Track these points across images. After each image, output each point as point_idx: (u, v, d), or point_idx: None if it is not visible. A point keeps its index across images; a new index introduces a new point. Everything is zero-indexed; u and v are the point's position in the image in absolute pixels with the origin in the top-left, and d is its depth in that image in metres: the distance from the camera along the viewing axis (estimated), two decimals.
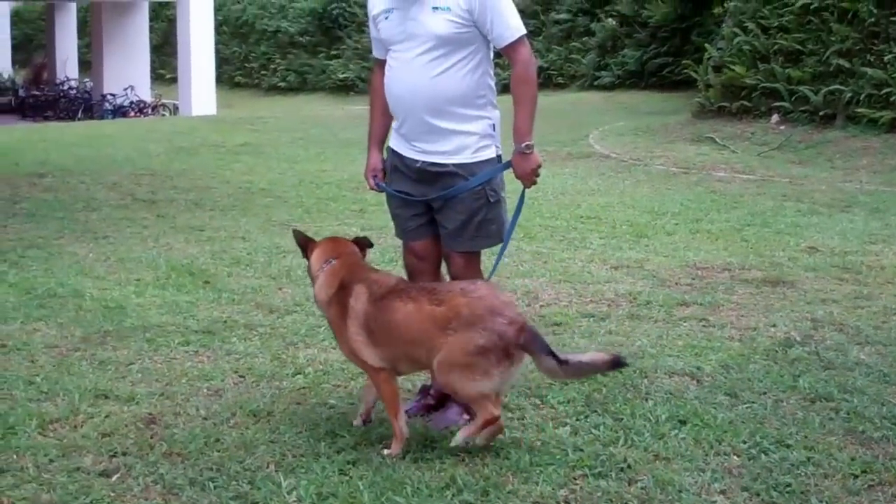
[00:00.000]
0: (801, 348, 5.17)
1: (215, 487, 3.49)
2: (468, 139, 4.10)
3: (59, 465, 3.67)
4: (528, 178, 4.13)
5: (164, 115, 25.55)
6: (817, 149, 13.30)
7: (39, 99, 27.61)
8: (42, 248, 7.44)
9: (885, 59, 13.55)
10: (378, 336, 3.80)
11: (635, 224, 8.70)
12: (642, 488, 3.56)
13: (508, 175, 4.22)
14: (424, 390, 4.34)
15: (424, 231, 4.27)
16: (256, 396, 4.40)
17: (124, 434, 3.95)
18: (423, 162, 4.14)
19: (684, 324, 5.65)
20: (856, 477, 3.69)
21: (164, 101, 26.67)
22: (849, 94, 13.83)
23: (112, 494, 3.44)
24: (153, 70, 28.27)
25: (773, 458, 3.82)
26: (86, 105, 26.36)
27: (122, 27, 26.61)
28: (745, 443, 3.95)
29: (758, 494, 3.54)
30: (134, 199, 9.93)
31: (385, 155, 4.36)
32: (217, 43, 26.32)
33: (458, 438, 3.75)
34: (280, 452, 3.77)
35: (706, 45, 16.96)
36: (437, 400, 4.25)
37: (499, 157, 4.18)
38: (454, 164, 4.10)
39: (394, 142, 4.26)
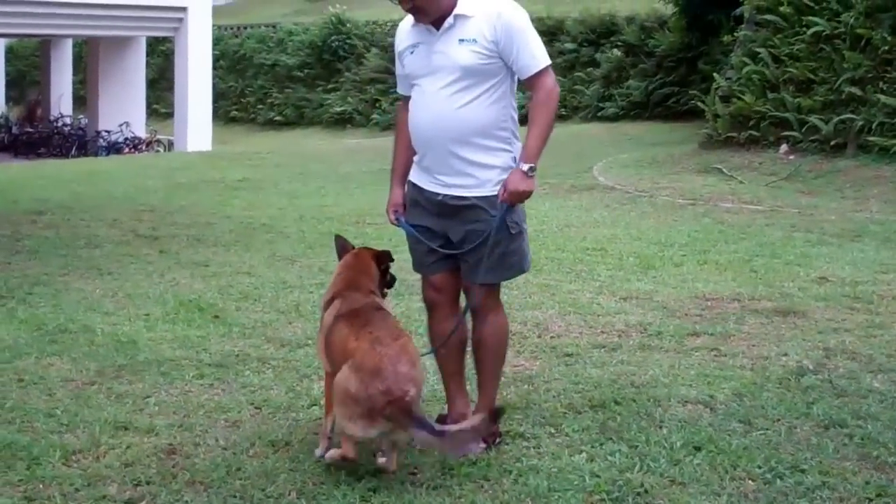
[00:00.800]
0: (814, 376, 5.35)
1: None
2: (490, 172, 4.28)
3: (84, 493, 3.85)
4: (516, 197, 4.25)
5: (158, 151, 25.82)
6: (827, 178, 13.48)
7: (33, 136, 27.91)
8: (48, 284, 7.61)
9: None
10: (327, 346, 4.18)
11: (642, 256, 8.87)
12: None
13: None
14: (441, 419, 4.51)
15: (442, 264, 4.45)
16: (274, 427, 4.58)
17: (146, 464, 4.13)
18: (445, 195, 4.32)
19: (696, 353, 5.83)
20: (870, 500, 3.88)
21: (158, 136, 26.96)
22: (860, 123, 14.05)
23: None
24: (148, 105, 28.58)
25: (789, 483, 3.99)
26: (80, 142, 26.65)
27: (118, 63, 26.96)
28: (760, 468, 4.13)
29: None
30: (136, 235, 10.12)
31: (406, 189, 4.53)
32: (213, 77, 26.63)
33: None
34: (301, 480, 3.94)
35: (714, 74, 17.20)
36: None
37: None
38: (476, 197, 4.28)
39: (414, 175, 4.45)
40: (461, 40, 4.21)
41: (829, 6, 14.90)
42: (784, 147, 14.88)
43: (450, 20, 4.21)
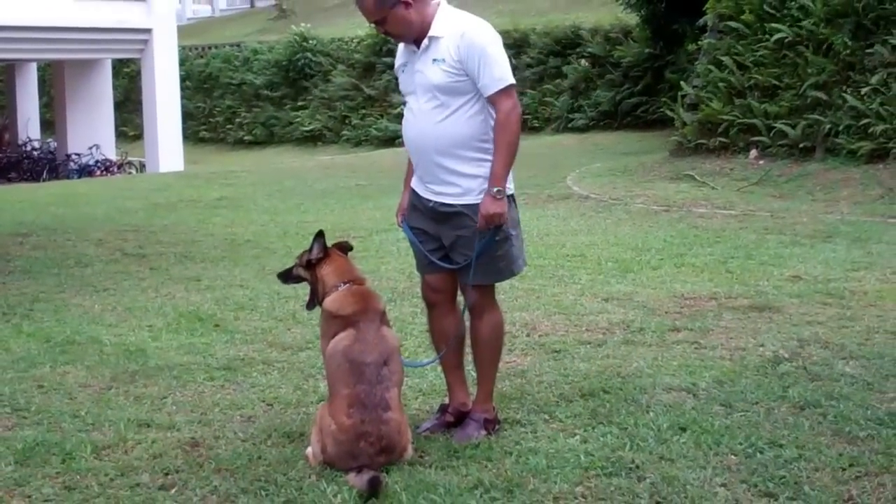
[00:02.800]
0: (789, 364, 5.77)
1: (266, 495, 4.05)
2: (473, 182, 4.62)
3: (119, 482, 4.22)
4: (488, 220, 4.54)
5: (130, 173, 26.06)
6: (797, 182, 13.96)
7: (2, 161, 28.01)
8: (47, 301, 7.94)
9: (863, 90, 14.25)
10: (325, 363, 4.62)
11: (620, 260, 9.27)
12: (651, 484, 4.12)
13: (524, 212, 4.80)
14: (443, 408, 4.90)
15: (439, 265, 4.82)
16: (287, 420, 4.96)
17: (173, 456, 4.50)
18: (434, 202, 4.70)
19: (677, 347, 6.24)
20: (844, 469, 4.26)
21: (129, 158, 27.21)
22: (827, 126, 14.53)
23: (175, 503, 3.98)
24: (115, 127, 28.79)
25: (768, 457, 4.39)
26: (50, 165, 26.82)
27: (85, 86, 27.20)
28: (741, 444, 4.53)
29: (755, 486, 4.12)
30: (123, 254, 10.42)
31: None
32: (181, 98, 26.90)
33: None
34: (321, 465, 4.31)
35: (681, 82, 17.67)
36: (456, 418, 4.81)
37: (510, 196, 4.67)
38: (462, 205, 4.64)
39: (413, 182, 4.84)
40: (434, 60, 4.57)
41: (790, 13, 15.37)
42: (754, 152, 15.35)
43: (426, 41, 4.59)
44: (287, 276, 4.92)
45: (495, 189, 4.51)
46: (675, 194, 13.88)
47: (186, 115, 28.05)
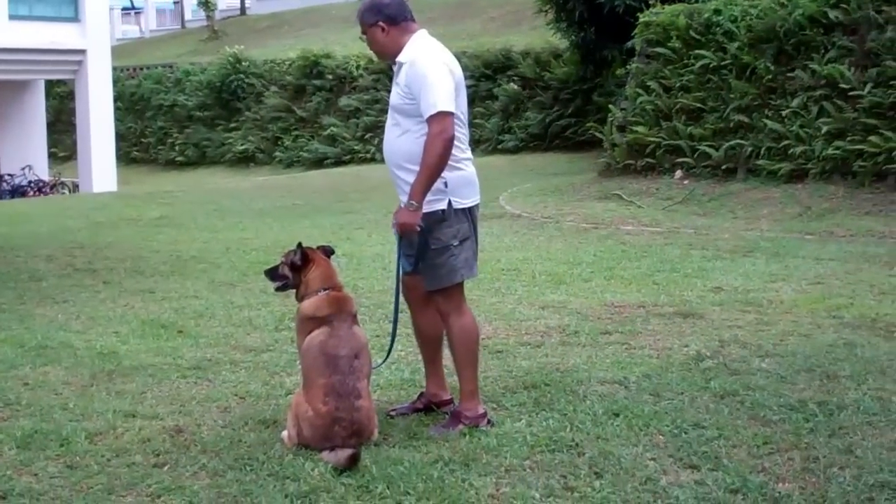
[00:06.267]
0: (711, 361, 6.42)
1: (251, 470, 4.60)
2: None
3: (116, 462, 4.74)
4: (400, 228, 5.06)
5: (63, 193, 26.25)
6: (720, 201, 14.70)
7: None
8: (11, 311, 8.35)
9: (783, 113, 15.06)
10: (302, 354, 5.11)
11: (553, 273, 9.87)
12: (589, 458, 4.73)
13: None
14: (420, 395, 5.52)
15: (410, 267, 5.36)
16: (260, 410, 5.50)
17: (161, 440, 5.02)
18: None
19: (609, 347, 6.87)
20: (758, 447, 4.89)
21: (63, 179, 27.39)
22: (749, 149, 15.33)
23: (169, 478, 4.53)
24: (47, 148, 28.94)
25: (692, 436, 5.02)
26: None
27: (18, 106, 27.36)
28: (668, 427, 5.16)
29: (681, 459, 4.73)
30: (74, 269, 10.80)
31: None
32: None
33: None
34: (296, 446, 4.86)
35: (610, 105, 18.39)
36: (425, 406, 5.43)
37: (447, 210, 5.07)
38: None
39: None
40: (396, 83, 5.19)
41: (715, 38, 16.15)
42: (679, 173, 16.10)
43: (396, 66, 5.20)
44: (273, 274, 5.40)
45: (410, 201, 4.99)
46: (603, 212, 14.53)
47: (118, 136, 28.27)
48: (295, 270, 5.25)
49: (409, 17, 5.23)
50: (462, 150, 5.17)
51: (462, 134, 5.15)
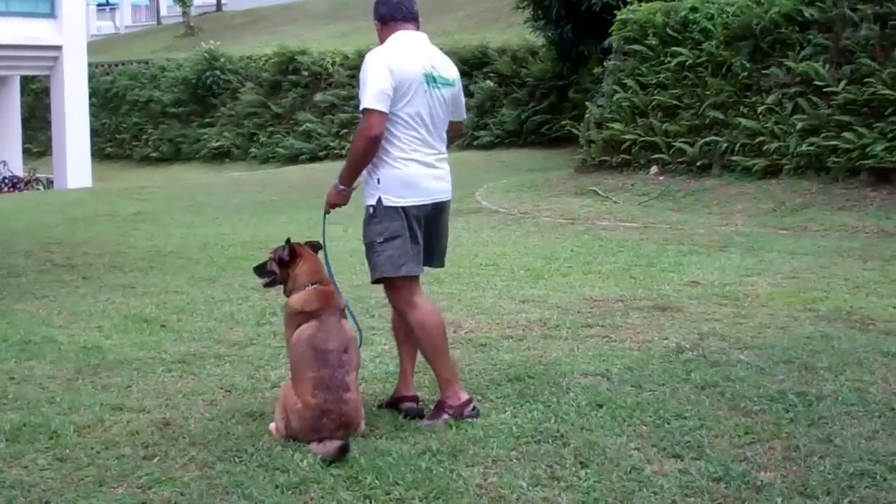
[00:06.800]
0: (691, 353, 6.49)
1: (241, 461, 4.63)
2: (364, 187, 5.30)
3: (105, 454, 4.76)
4: (327, 202, 5.35)
5: (38, 189, 26.12)
6: (695, 196, 14.79)
7: None
8: None
9: (758, 110, 15.16)
10: (290, 349, 5.13)
11: (532, 268, 9.93)
12: (575, 448, 4.78)
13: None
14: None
15: None
16: (246, 404, 5.53)
17: (149, 433, 5.05)
18: None
19: (590, 340, 6.93)
20: (740, 436, 4.97)
21: (37, 175, 27.26)
22: (724, 145, 15.42)
23: (160, 470, 4.55)
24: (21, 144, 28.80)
25: (674, 426, 5.08)
26: None
27: None
28: (650, 417, 5.22)
29: (664, 449, 4.79)
30: (53, 264, 10.79)
31: None
32: None
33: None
34: (284, 438, 4.89)
35: (586, 102, 18.46)
36: (390, 402, 5.50)
37: (377, 207, 5.19)
38: None
39: None
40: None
41: (691, 36, 16.25)
42: (654, 169, 16.19)
43: None
44: (262, 270, 5.44)
45: (335, 183, 5.29)
46: (579, 208, 14.60)
47: (92, 132, 28.13)
48: (283, 266, 5.31)
49: (400, 17, 5.36)
50: (404, 150, 5.21)
51: (410, 135, 5.22)
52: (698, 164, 15.70)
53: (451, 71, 5.45)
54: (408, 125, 5.19)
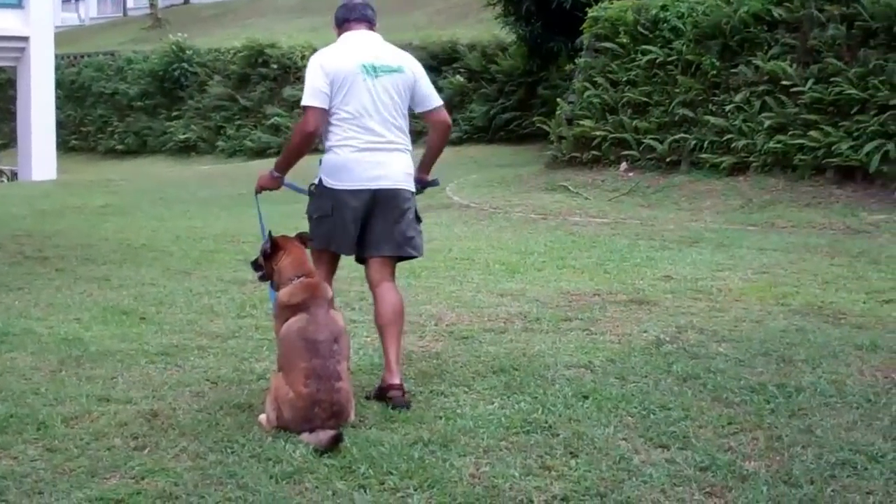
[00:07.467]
0: (671, 345, 6.55)
1: (232, 452, 4.62)
2: None
3: (95, 445, 4.73)
4: (258, 185, 5.79)
5: (2, 181, 25.86)
6: (664, 193, 14.91)
7: None
8: None
9: (726, 108, 15.27)
10: (279, 344, 5.15)
11: (507, 263, 9.97)
12: (564, 439, 4.82)
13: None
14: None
15: None
16: (234, 395, 5.52)
17: (138, 424, 5.02)
18: None
19: (571, 333, 6.97)
20: (724, 427, 5.02)
21: (1, 167, 26.98)
22: (692, 142, 15.55)
23: (151, 461, 4.53)
24: None
25: (660, 417, 5.14)
26: None
27: None
28: (636, 408, 5.27)
29: (651, 439, 4.84)
30: (25, 257, 10.72)
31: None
32: None
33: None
34: (275, 430, 4.89)
35: (557, 99, 18.51)
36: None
37: (315, 185, 5.61)
38: None
39: None
40: None
41: (661, 34, 16.31)
42: (624, 165, 16.29)
43: None
44: (255, 265, 5.54)
45: (273, 171, 5.71)
46: (551, 204, 14.67)
47: (57, 124, 27.86)
48: (266, 259, 5.33)
49: (353, 18, 5.74)
50: (341, 137, 5.53)
51: (348, 124, 5.50)
52: (667, 160, 15.82)
53: (398, 59, 5.68)
54: (348, 114, 5.49)
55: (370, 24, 5.75)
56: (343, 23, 5.74)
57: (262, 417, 4.97)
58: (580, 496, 4.19)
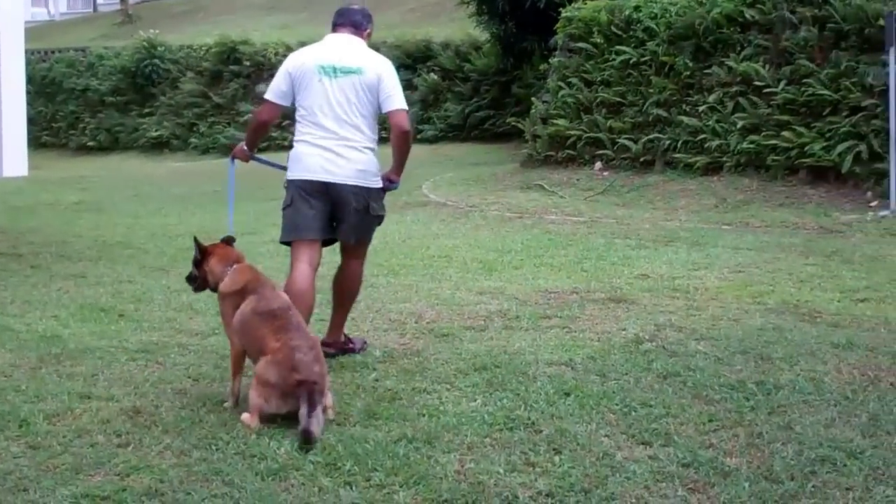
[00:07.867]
0: (650, 343, 6.59)
1: (217, 448, 4.61)
2: None
3: (78, 442, 4.71)
4: (232, 153, 6.61)
5: None
6: (639, 192, 14.98)
7: None
8: None
9: (700, 108, 15.36)
10: (243, 333, 5.24)
11: (484, 261, 9.99)
12: (547, 436, 4.84)
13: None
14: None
15: None
16: (216, 393, 5.51)
17: (121, 421, 5.01)
18: None
19: (551, 331, 7.00)
20: (704, 424, 5.06)
21: None
22: (667, 142, 15.63)
23: (136, 458, 4.53)
24: None
25: (641, 414, 5.17)
26: None
27: None
28: (617, 405, 5.30)
29: (633, 436, 4.87)
30: None
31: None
32: None
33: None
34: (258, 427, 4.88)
35: (531, 98, 18.55)
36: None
37: (289, 181, 6.19)
38: None
39: None
40: None
41: (635, 35, 16.37)
42: (598, 164, 16.35)
43: None
44: (189, 278, 5.65)
45: (244, 143, 6.50)
46: (527, 202, 14.69)
47: (28, 120, 27.64)
48: (198, 266, 5.48)
49: (339, 23, 6.29)
50: (299, 132, 6.16)
51: (306, 120, 6.09)
52: (641, 160, 15.89)
53: (359, 61, 6.09)
54: (305, 111, 6.09)
55: (354, 28, 6.25)
56: (333, 26, 6.29)
57: (246, 416, 4.96)
58: (565, 492, 4.22)
